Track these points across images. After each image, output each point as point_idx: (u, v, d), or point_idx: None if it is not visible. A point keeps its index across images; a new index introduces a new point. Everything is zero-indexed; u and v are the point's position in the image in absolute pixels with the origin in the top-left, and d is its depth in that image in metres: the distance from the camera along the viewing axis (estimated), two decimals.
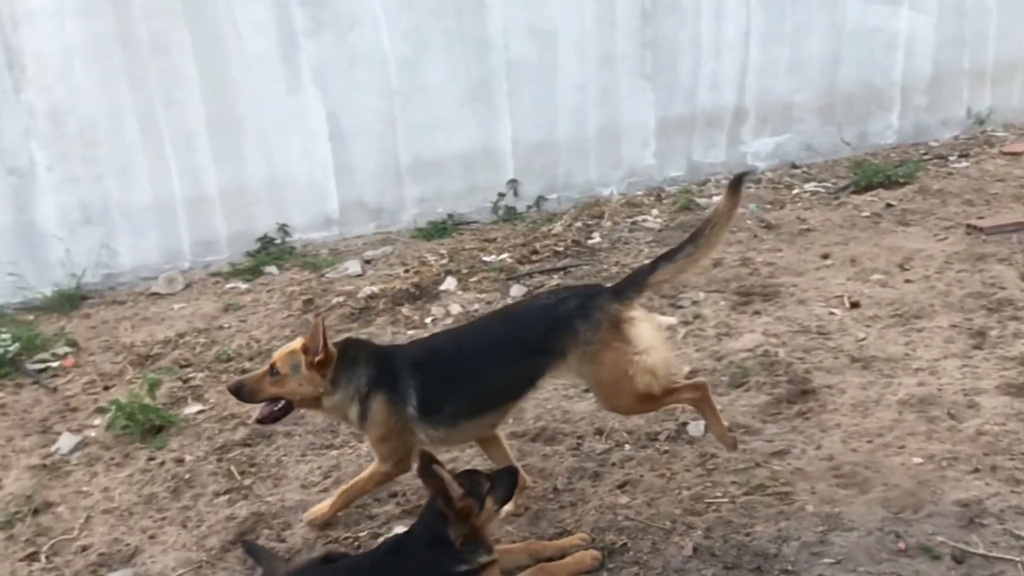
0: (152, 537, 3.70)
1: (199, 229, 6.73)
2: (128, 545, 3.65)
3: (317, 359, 3.24)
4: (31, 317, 6.08)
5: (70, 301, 6.22)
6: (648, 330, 3.23)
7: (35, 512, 3.90)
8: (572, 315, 3.23)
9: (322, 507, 3.59)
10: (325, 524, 3.56)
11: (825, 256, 5.78)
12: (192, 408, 4.67)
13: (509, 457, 3.53)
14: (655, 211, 7.00)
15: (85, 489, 4.06)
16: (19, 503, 3.98)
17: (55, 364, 5.31)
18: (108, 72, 6.44)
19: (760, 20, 7.65)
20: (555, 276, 5.87)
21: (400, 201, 7.16)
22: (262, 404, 3.39)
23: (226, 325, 5.69)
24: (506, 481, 3.09)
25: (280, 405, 3.35)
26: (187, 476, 4.08)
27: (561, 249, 6.29)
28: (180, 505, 3.89)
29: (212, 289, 6.36)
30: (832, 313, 4.95)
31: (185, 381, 4.95)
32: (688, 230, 6.33)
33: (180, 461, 4.20)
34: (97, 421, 4.62)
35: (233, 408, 4.61)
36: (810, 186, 7.31)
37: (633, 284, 3.31)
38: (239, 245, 6.80)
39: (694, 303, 5.23)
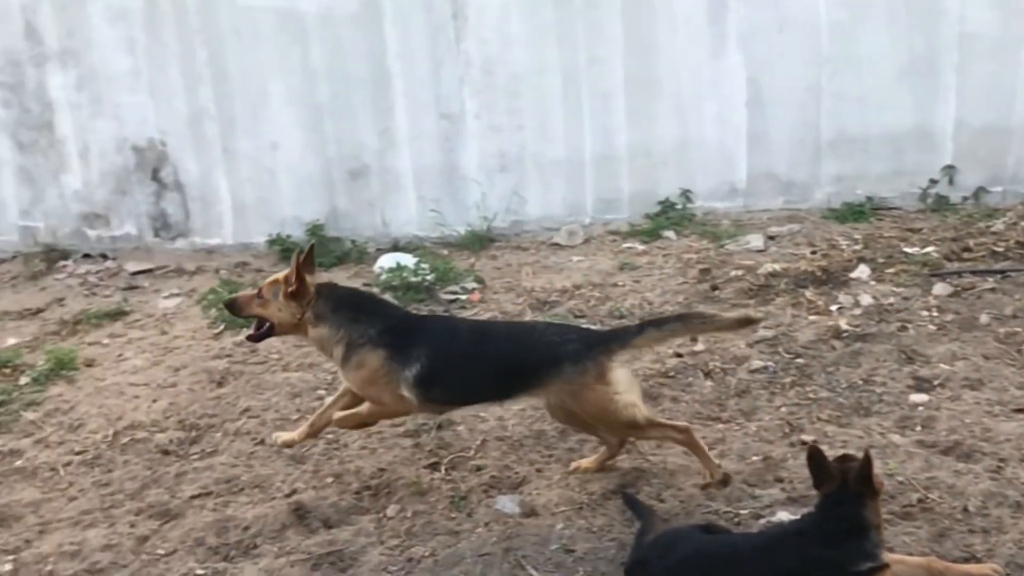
0: (539, 471, 4.07)
1: (603, 186, 7.13)
2: (517, 474, 4.05)
3: (290, 290, 3.81)
4: (446, 252, 6.89)
5: (480, 241, 6.94)
6: (624, 375, 3.75)
7: (439, 427, 4.45)
8: (566, 357, 3.71)
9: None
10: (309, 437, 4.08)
11: None
12: None
13: None
14: None
15: (482, 414, 4.54)
16: (426, 416, 4.57)
17: (463, 297, 5.99)
18: (539, 27, 7.00)
19: None
20: (990, 279, 5.42)
21: (814, 177, 7.01)
22: (255, 324, 4.00)
23: (620, 283, 6.00)
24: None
25: (266, 326, 3.95)
26: None
27: (1001, 250, 5.77)
28: (566, 446, 4.23)
29: (609, 246, 6.74)
30: None
31: None
32: None
33: None
34: None
35: None
36: None
37: (619, 340, 3.80)
38: (640, 206, 7.10)
39: None
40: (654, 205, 7.09)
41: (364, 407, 3.95)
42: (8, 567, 3.60)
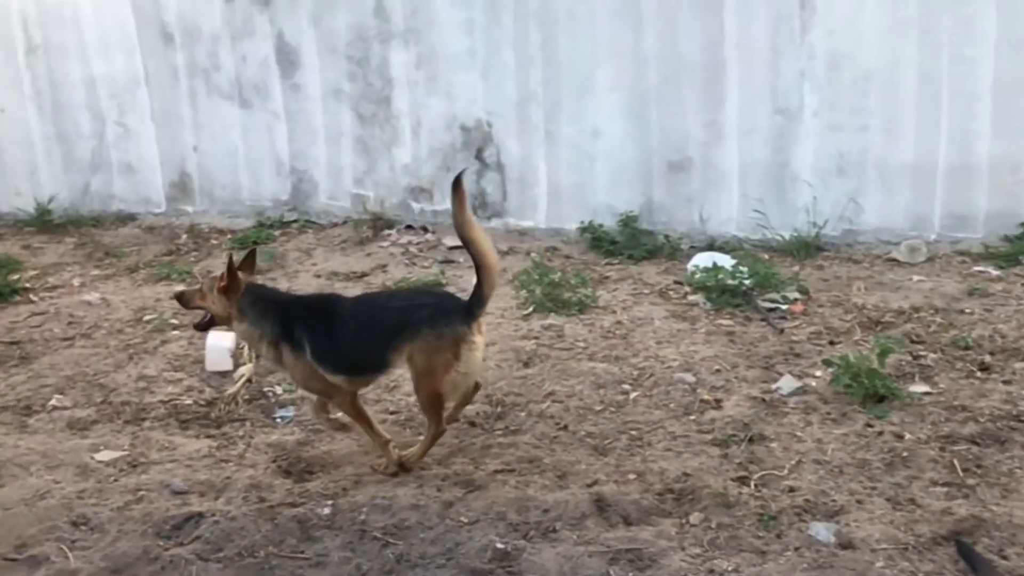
0: (859, 502, 3.89)
1: (956, 200, 6.67)
2: (834, 501, 3.90)
3: (221, 285, 4.30)
4: (766, 256, 6.74)
5: (806, 249, 6.74)
6: (476, 359, 4.13)
7: (750, 440, 4.39)
8: (422, 321, 4.08)
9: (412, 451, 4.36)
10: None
11: None
12: (919, 387, 4.74)
13: None
14: None
15: (799, 434, 4.43)
16: (736, 427, 4.51)
17: (784, 307, 5.85)
18: (896, 21, 6.66)
19: None
20: None
21: None
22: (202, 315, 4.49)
23: (968, 310, 5.60)
24: None
25: (208, 317, 4.44)
26: (904, 454, 4.18)
27: None
28: (892, 480, 4.02)
29: (956, 268, 6.30)
30: None
31: (915, 357, 5.04)
32: None
33: (899, 437, 4.32)
34: (819, 372, 4.98)
35: (965, 400, 4.59)
36: None
37: (478, 303, 4.09)
38: (998, 226, 6.57)
39: None
40: (1015, 227, 6.52)
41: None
42: (327, 510, 4.00)
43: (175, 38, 8.42)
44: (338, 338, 4.24)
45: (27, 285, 7.12)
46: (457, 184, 4.12)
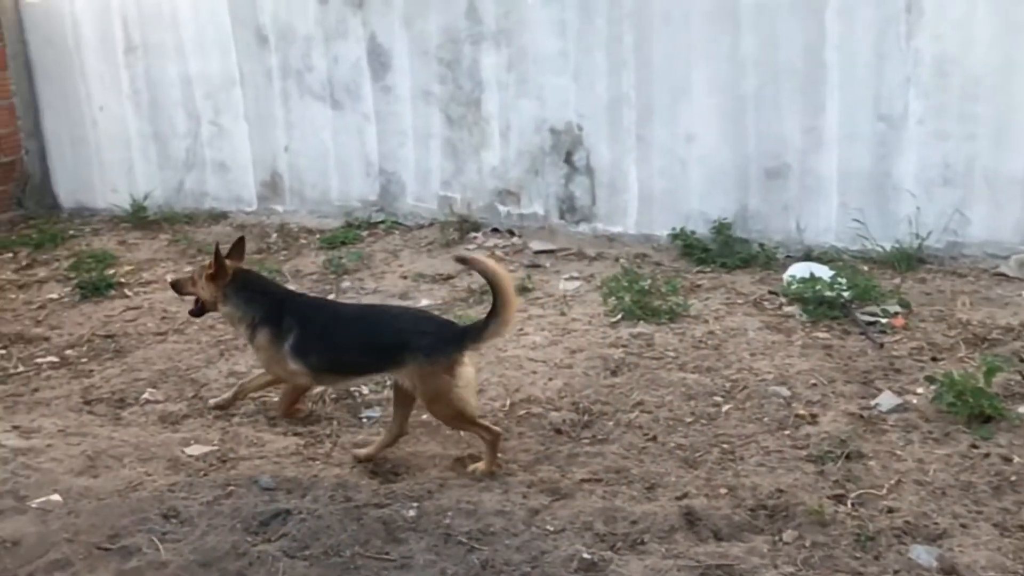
0: (963, 526, 3.77)
1: None
2: (936, 524, 3.79)
3: (209, 273, 4.68)
4: (866, 268, 6.59)
5: (908, 261, 6.56)
6: (469, 374, 4.35)
7: (847, 457, 4.29)
8: (420, 348, 4.29)
9: (224, 397, 5.09)
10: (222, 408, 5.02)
11: None
12: None
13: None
14: None
15: (898, 453, 4.31)
16: (832, 444, 4.41)
17: (884, 320, 5.70)
18: (1009, 24, 6.42)
19: None
20: None
21: None
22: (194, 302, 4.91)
23: None
24: None
25: (199, 304, 4.83)
26: (1013, 478, 4.04)
27: None
28: (1000, 505, 3.89)
29: None
30: None
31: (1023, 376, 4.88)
32: None
33: (1007, 460, 4.17)
34: (920, 390, 4.85)
35: None
36: None
37: (472, 337, 4.31)
38: None
39: None
40: None
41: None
42: (412, 512, 4.03)
43: (270, 39, 8.63)
44: (332, 337, 4.56)
45: (122, 280, 7.38)
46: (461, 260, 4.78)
